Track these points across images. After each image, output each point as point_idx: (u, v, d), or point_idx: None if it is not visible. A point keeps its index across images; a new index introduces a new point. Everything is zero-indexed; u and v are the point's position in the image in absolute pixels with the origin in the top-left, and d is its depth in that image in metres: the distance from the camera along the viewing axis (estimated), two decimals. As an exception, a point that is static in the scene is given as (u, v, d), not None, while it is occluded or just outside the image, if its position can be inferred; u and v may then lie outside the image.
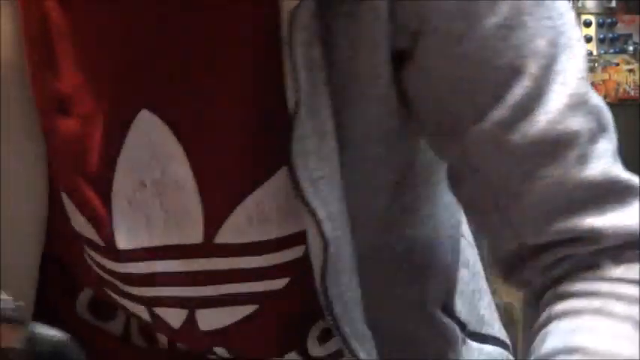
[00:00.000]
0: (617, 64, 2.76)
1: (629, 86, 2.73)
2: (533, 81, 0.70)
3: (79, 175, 0.73)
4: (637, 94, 2.73)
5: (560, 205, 0.71)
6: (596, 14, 2.83)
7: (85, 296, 0.81)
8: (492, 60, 0.70)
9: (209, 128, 0.73)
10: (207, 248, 0.70)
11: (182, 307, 0.75)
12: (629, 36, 2.84)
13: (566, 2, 0.73)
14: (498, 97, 0.70)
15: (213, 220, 0.72)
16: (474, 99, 0.71)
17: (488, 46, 0.69)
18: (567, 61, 0.71)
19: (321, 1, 0.67)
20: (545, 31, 0.70)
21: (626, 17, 2.85)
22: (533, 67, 0.70)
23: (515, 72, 0.70)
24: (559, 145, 0.71)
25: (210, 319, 0.75)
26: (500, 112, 0.70)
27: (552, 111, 0.71)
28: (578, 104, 0.71)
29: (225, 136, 0.73)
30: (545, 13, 0.70)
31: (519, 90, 0.70)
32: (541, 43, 0.70)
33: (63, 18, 0.73)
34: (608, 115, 0.74)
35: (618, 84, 2.72)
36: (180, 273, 0.73)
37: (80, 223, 0.75)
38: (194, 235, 0.73)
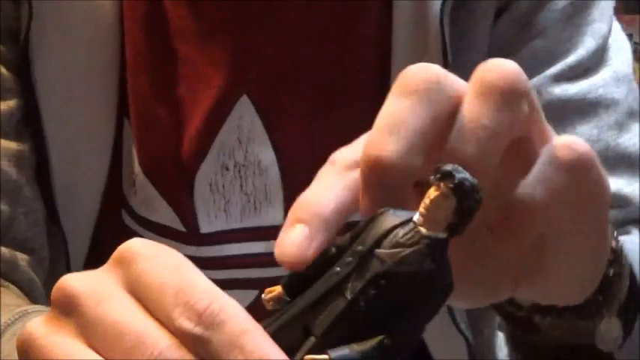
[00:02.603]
0: (617, 64, 2.75)
1: (630, 86, 2.73)
2: (587, 53, 0.77)
3: (169, 159, 0.76)
4: (637, 94, 2.72)
5: None
6: (597, 14, 2.83)
7: None
8: (554, 32, 0.77)
9: (298, 117, 0.76)
10: None
11: (255, 288, 0.77)
12: (629, 36, 2.82)
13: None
14: (549, 64, 0.77)
15: None
16: (526, 64, 0.75)
17: (554, 19, 0.78)
18: (617, 50, 0.79)
19: None
20: (606, 20, 0.79)
21: (626, 17, 2.84)
22: (590, 43, 0.77)
23: (573, 45, 0.77)
24: (598, 107, 0.77)
25: None
26: (548, 72, 0.77)
27: (596, 78, 0.77)
28: (622, 79, 0.78)
29: (313, 127, 0.76)
30: (605, 4, 0.79)
31: (573, 57, 0.77)
32: (602, 27, 0.78)
33: (177, 10, 0.76)
34: None
35: (618, 84, 2.71)
36: (259, 254, 0.76)
37: (161, 210, 0.77)
38: (273, 217, 0.75)
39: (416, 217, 0.40)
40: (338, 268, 0.41)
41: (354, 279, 0.40)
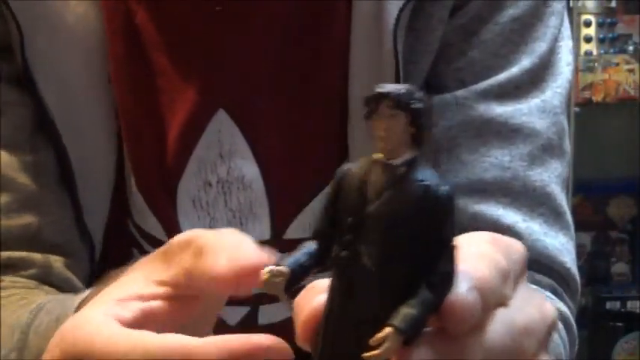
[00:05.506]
0: (617, 64, 2.76)
1: (629, 86, 2.73)
2: (520, 72, 0.75)
3: (153, 173, 0.76)
4: (637, 94, 2.72)
5: (491, 189, 0.74)
6: (596, 14, 2.83)
7: None
8: (494, 46, 0.75)
9: (277, 126, 0.75)
10: (277, 244, 0.70)
11: (246, 304, 0.76)
12: (629, 36, 2.83)
13: (569, 31, 0.80)
14: (483, 77, 0.75)
15: (283, 217, 0.75)
16: (462, 75, 0.76)
17: (497, 33, 0.76)
18: (552, 76, 0.77)
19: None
20: (549, 39, 0.76)
21: (626, 17, 2.85)
22: (526, 62, 0.75)
23: (509, 62, 0.76)
24: (517, 135, 0.75)
25: (272, 314, 0.77)
26: (478, 86, 0.75)
27: (523, 104, 0.75)
28: (548, 111, 0.76)
29: (292, 134, 0.75)
30: (553, 24, 0.77)
31: (505, 75, 0.75)
32: (541, 46, 0.76)
33: (150, 22, 0.75)
34: (568, 144, 0.78)
35: (618, 84, 2.71)
36: None
37: (152, 225, 0.77)
38: (260, 232, 0.75)
39: (377, 156, 0.38)
40: (343, 252, 0.38)
41: (365, 249, 0.38)
